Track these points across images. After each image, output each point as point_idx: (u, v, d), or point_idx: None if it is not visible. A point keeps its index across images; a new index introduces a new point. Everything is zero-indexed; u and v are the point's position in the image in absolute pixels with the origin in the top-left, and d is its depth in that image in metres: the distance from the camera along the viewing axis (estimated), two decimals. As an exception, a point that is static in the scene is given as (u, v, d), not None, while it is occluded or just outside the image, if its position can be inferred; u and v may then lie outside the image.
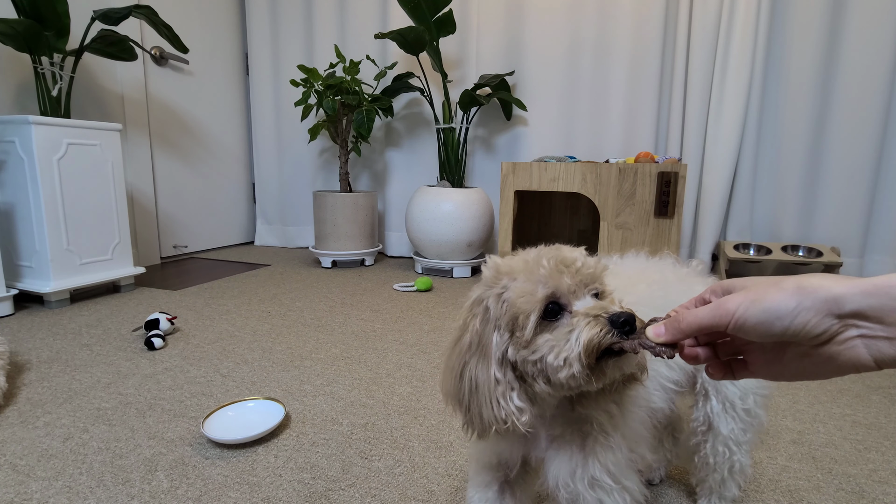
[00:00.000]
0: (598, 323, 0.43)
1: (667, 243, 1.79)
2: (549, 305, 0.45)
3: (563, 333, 0.44)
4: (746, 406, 0.63)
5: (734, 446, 0.65)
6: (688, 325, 0.37)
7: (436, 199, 2.24)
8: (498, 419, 0.48)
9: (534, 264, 0.47)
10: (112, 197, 1.87)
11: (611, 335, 0.42)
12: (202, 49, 2.72)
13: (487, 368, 0.48)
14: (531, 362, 0.46)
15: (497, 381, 0.48)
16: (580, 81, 2.35)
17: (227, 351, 1.35)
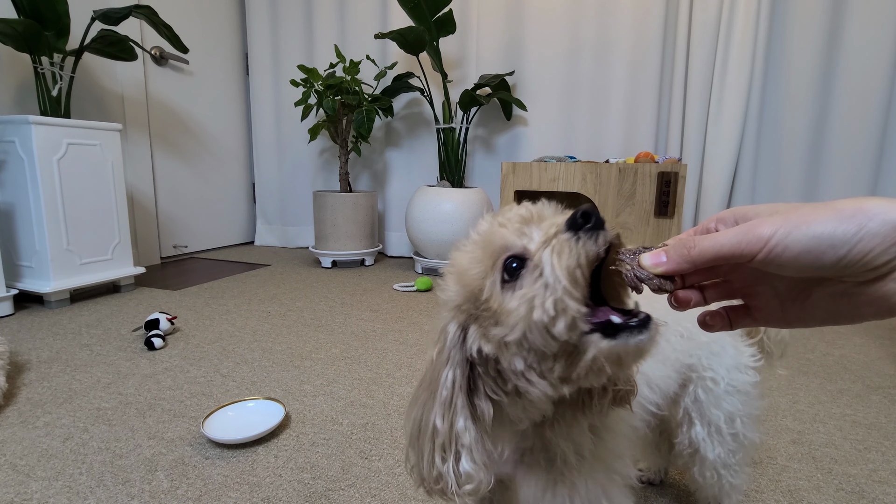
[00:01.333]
0: (559, 241, 0.33)
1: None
2: (508, 262, 0.35)
3: (534, 279, 0.33)
4: (734, 430, 0.59)
5: (722, 470, 0.61)
6: (701, 253, 0.29)
7: (436, 199, 2.24)
8: (431, 479, 0.38)
9: (472, 233, 0.39)
10: (112, 197, 1.87)
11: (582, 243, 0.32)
12: (202, 49, 2.72)
13: (430, 411, 0.39)
14: (514, 344, 0.34)
15: (437, 431, 0.38)
16: (580, 81, 2.35)
17: (227, 351, 1.35)
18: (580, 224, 0.33)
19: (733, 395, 0.58)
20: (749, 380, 0.60)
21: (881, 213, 0.25)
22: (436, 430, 0.38)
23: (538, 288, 0.33)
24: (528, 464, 0.45)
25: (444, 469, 0.37)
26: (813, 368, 1.30)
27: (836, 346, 1.46)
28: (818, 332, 1.59)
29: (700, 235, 0.30)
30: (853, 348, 1.45)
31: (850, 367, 1.31)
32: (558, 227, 0.34)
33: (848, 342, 1.50)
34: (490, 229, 0.38)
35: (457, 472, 0.37)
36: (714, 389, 0.58)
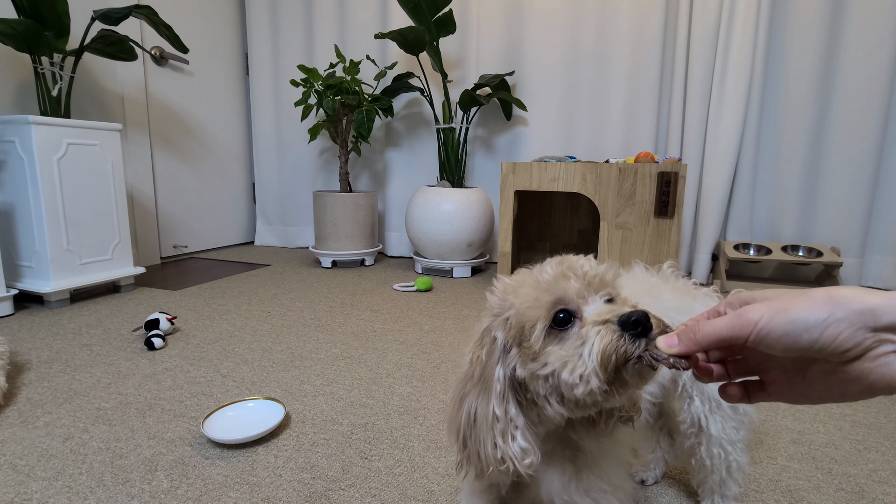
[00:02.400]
0: (609, 330, 0.39)
1: (667, 243, 1.79)
2: (559, 313, 0.42)
3: (575, 346, 0.40)
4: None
5: (728, 446, 0.64)
6: (704, 336, 0.34)
7: (436, 199, 2.24)
8: (494, 459, 0.44)
9: (538, 273, 0.45)
10: (112, 197, 1.87)
11: (624, 341, 0.38)
12: (202, 49, 2.72)
13: (487, 403, 0.45)
14: (542, 378, 0.42)
15: (497, 418, 0.44)
16: (580, 81, 2.35)
17: (227, 351, 1.35)
18: (629, 327, 0.38)
19: None
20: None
21: (848, 302, 0.29)
22: (496, 417, 0.44)
23: (575, 356, 0.40)
24: (547, 461, 0.49)
25: (506, 449, 0.44)
26: (813, 368, 1.29)
27: (836, 346, 1.46)
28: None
29: (705, 320, 0.35)
30: (853, 348, 1.45)
31: (850, 367, 1.31)
32: (612, 317, 0.39)
33: (848, 342, 1.50)
34: (555, 277, 0.44)
35: (515, 450, 0.44)
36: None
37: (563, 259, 0.46)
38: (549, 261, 0.46)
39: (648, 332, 0.39)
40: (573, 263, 0.45)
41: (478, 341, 0.47)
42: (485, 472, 0.45)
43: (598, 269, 0.44)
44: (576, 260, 0.46)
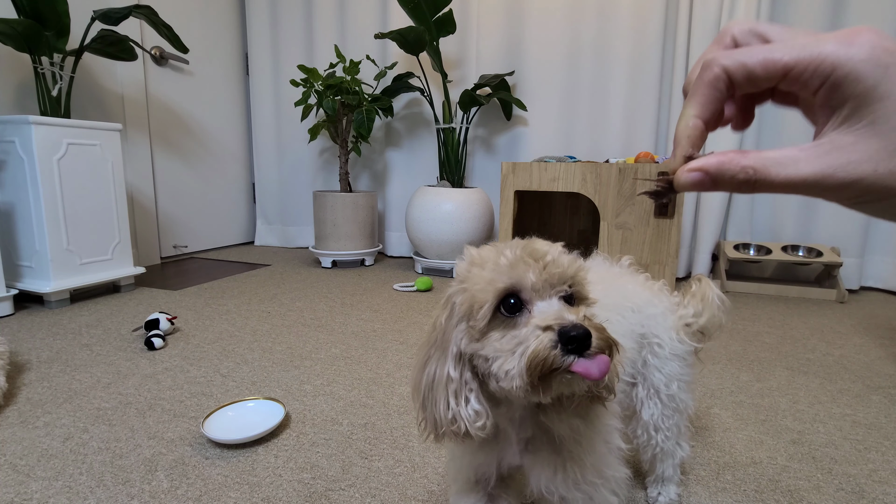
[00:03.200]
0: (546, 338, 0.39)
1: (667, 243, 1.79)
2: (509, 298, 0.42)
3: (512, 343, 0.41)
4: (670, 392, 0.66)
5: (653, 431, 0.68)
6: (762, 62, 0.24)
7: (436, 199, 2.24)
8: (446, 420, 0.45)
9: (499, 254, 0.44)
10: (112, 197, 1.87)
11: (556, 353, 0.39)
12: (202, 49, 2.71)
13: (444, 364, 0.45)
14: (482, 358, 0.43)
15: (451, 379, 0.45)
16: (580, 81, 2.35)
17: (227, 351, 1.35)
18: (567, 341, 0.39)
19: (673, 360, 0.66)
20: (686, 348, 0.68)
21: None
22: (450, 378, 0.45)
23: (507, 353, 0.41)
24: (532, 451, 0.50)
25: (458, 410, 0.44)
26: (813, 368, 1.30)
27: (836, 346, 1.46)
28: (818, 331, 1.59)
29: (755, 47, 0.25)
30: (853, 348, 1.45)
31: (850, 367, 1.31)
32: (554, 325, 0.39)
33: (848, 342, 1.50)
34: (514, 262, 0.43)
35: (467, 412, 0.44)
36: (660, 353, 0.66)
37: (528, 243, 0.45)
38: (514, 242, 0.45)
39: (584, 351, 0.39)
40: (536, 249, 0.43)
41: (441, 306, 0.48)
42: (439, 433, 0.45)
43: (561, 262, 0.43)
44: (540, 246, 0.44)
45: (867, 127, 0.22)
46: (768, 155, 0.24)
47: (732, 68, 0.24)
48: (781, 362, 1.33)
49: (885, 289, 2.14)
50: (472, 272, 0.45)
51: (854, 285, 2.11)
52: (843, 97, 0.22)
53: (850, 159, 0.22)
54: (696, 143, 0.27)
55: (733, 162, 0.25)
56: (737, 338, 1.52)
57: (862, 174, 0.22)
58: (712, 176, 0.26)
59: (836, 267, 2.03)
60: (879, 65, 0.21)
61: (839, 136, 0.23)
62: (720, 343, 1.47)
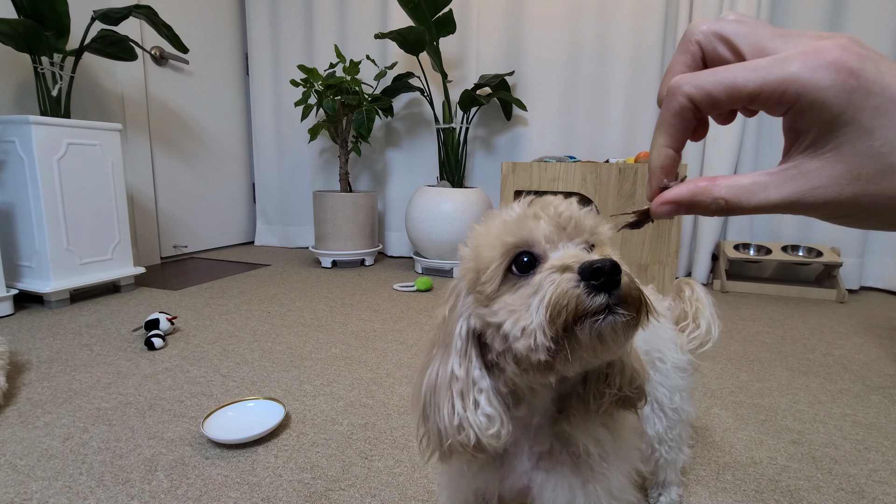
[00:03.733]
0: (566, 278, 0.33)
1: (667, 243, 1.79)
2: (521, 256, 0.36)
3: (526, 294, 0.35)
4: (674, 405, 0.65)
5: (657, 444, 0.67)
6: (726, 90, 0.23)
7: (436, 199, 2.24)
8: (452, 428, 0.37)
9: (505, 212, 0.39)
10: (112, 197, 1.87)
11: (581, 292, 0.32)
12: (202, 49, 2.71)
13: (447, 362, 0.39)
14: (494, 327, 0.36)
15: (455, 378, 0.38)
16: (580, 81, 2.35)
17: (227, 351, 1.35)
18: (591, 276, 0.33)
19: (675, 373, 0.65)
20: (686, 357, 0.67)
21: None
22: (454, 376, 0.38)
23: (523, 307, 0.35)
24: (547, 468, 0.43)
25: (466, 415, 0.38)
26: (813, 368, 1.30)
27: (836, 346, 1.46)
28: (818, 331, 1.59)
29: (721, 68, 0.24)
30: (853, 348, 1.45)
31: (850, 367, 1.31)
32: (573, 263, 0.34)
33: (848, 342, 1.50)
34: (522, 217, 0.38)
35: (477, 418, 0.37)
36: (661, 368, 0.64)
37: (536, 199, 0.40)
38: (521, 199, 0.41)
39: (615, 287, 0.33)
40: (546, 202, 0.39)
41: (445, 298, 0.42)
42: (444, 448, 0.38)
43: (575, 211, 0.38)
44: (551, 199, 0.39)
45: (831, 153, 0.22)
46: (738, 183, 0.25)
47: (696, 97, 0.24)
48: (781, 362, 1.33)
49: (885, 289, 2.14)
50: (476, 237, 0.39)
51: (854, 285, 2.11)
52: (809, 123, 0.22)
53: (815, 185, 0.23)
54: (669, 172, 0.28)
55: (705, 193, 0.25)
56: (737, 338, 1.52)
57: (828, 197, 0.23)
58: (685, 206, 0.26)
59: (836, 267, 2.03)
60: (844, 90, 0.21)
61: (805, 161, 0.23)
62: (720, 343, 1.47)
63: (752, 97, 0.23)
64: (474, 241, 0.39)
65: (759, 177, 0.24)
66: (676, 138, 0.27)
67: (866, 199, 0.22)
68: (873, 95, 0.21)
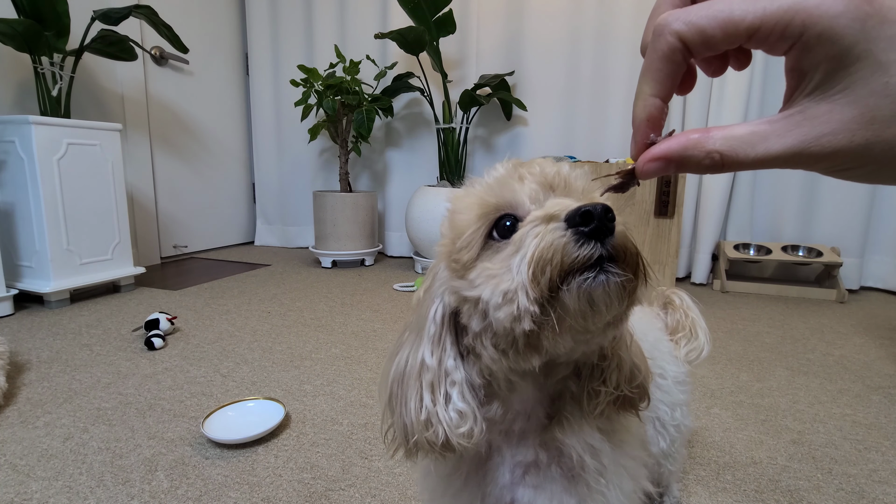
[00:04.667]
0: (549, 229, 0.28)
1: (667, 243, 1.79)
2: (502, 220, 0.32)
3: (507, 255, 0.30)
4: (675, 422, 0.63)
5: (663, 460, 0.65)
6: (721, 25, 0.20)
7: (436, 199, 2.24)
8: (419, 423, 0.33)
9: (486, 174, 0.35)
10: (112, 197, 1.87)
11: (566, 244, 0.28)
12: (202, 49, 2.71)
13: (417, 349, 0.35)
14: (471, 303, 0.32)
15: (426, 367, 0.34)
16: (580, 81, 2.35)
17: (227, 351, 1.35)
18: (577, 222, 0.28)
19: (675, 387, 0.63)
20: (685, 369, 0.66)
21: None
22: (424, 365, 0.34)
23: (504, 269, 0.30)
24: (534, 485, 0.37)
25: (435, 410, 0.33)
26: (813, 368, 1.30)
27: (836, 346, 1.46)
28: (818, 331, 1.59)
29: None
30: (853, 348, 1.45)
31: (850, 367, 1.31)
32: (559, 212, 0.29)
33: (848, 342, 1.50)
34: (504, 177, 0.34)
35: (447, 413, 0.33)
36: (663, 384, 0.62)
37: (520, 161, 0.36)
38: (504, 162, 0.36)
39: (608, 235, 0.28)
40: (531, 164, 0.35)
41: (424, 279, 0.38)
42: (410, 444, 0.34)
43: (564, 170, 0.34)
44: (538, 161, 0.35)
45: (842, 93, 0.19)
46: (735, 133, 0.21)
47: (687, 35, 0.21)
48: (781, 362, 1.33)
49: (885, 289, 2.14)
50: (455, 202, 0.35)
51: (854, 285, 2.11)
52: (816, 60, 0.20)
53: (822, 131, 0.20)
54: (656, 125, 0.24)
55: (698, 147, 0.22)
56: (737, 338, 1.52)
57: (837, 146, 0.20)
58: (676, 163, 0.23)
59: (836, 267, 2.03)
60: (857, 17, 0.18)
61: (811, 105, 0.20)
62: (720, 343, 1.47)
63: (751, 32, 0.20)
64: (452, 208, 0.35)
65: (759, 126, 0.21)
66: (664, 85, 0.23)
67: (880, 147, 0.19)
68: (889, 24, 0.18)
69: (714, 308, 1.84)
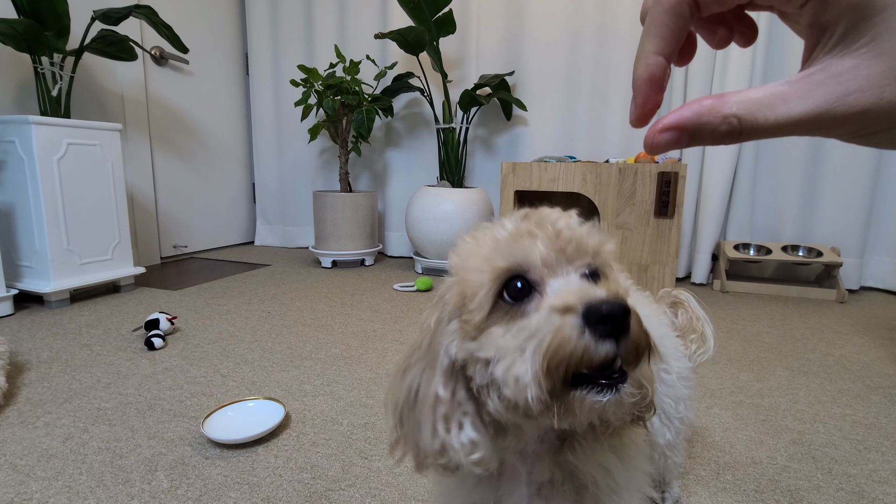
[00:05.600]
0: (567, 323, 0.29)
1: (667, 243, 1.79)
2: (514, 281, 0.32)
3: (519, 336, 0.31)
4: (679, 415, 0.64)
5: (668, 451, 0.66)
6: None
7: (436, 199, 2.24)
8: (433, 451, 0.34)
9: (497, 229, 0.35)
10: (112, 197, 1.87)
11: (585, 345, 0.28)
12: (202, 49, 2.71)
13: (430, 380, 0.35)
14: (480, 363, 0.33)
15: (439, 400, 0.35)
16: (580, 81, 2.35)
17: (227, 351, 1.35)
18: (595, 322, 0.28)
19: (679, 382, 0.64)
20: (688, 365, 0.67)
21: None
22: (438, 399, 0.35)
23: (516, 351, 0.30)
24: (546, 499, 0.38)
25: (449, 439, 0.34)
26: (813, 368, 1.30)
27: (836, 346, 1.46)
28: (818, 331, 1.59)
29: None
30: (853, 348, 1.45)
31: (850, 367, 1.31)
32: (576, 303, 0.29)
33: (848, 342, 1.50)
34: (516, 235, 0.33)
35: (461, 440, 0.34)
36: (667, 379, 0.63)
37: (531, 212, 0.35)
38: (514, 213, 0.36)
39: (622, 335, 0.29)
40: (543, 218, 0.34)
41: (433, 305, 0.38)
42: (423, 464, 0.36)
43: (576, 229, 0.34)
44: (548, 214, 0.35)
45: (868, 46, 0.18)
46: (752, 96, 0.19)
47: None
48: (781, 362, 1.33)
49: (885, 289, 2.14)
50: (464, 255, 0.36)
51: (854, 285, 2.11)
52: (837, 12, 0.18)
53: (848, 89, 0.18)
54: (658, 86, 0.22)
55: (713, 112, 0.20)
56: (737, 338, 1.52)
57: (865, 104, 0.18)
58: (690, 132, 0.21)
59: (836, 267, 2.03)
60: None
61: (834, 62, 0.18)
62: (720, 343, 1.47)
63: None
64: (461, 260, 0.36)
65: (778, 87, 0.19)
66: (668, 42, 0.21)
67: None
68: None
69: (714, 308, 1.84)
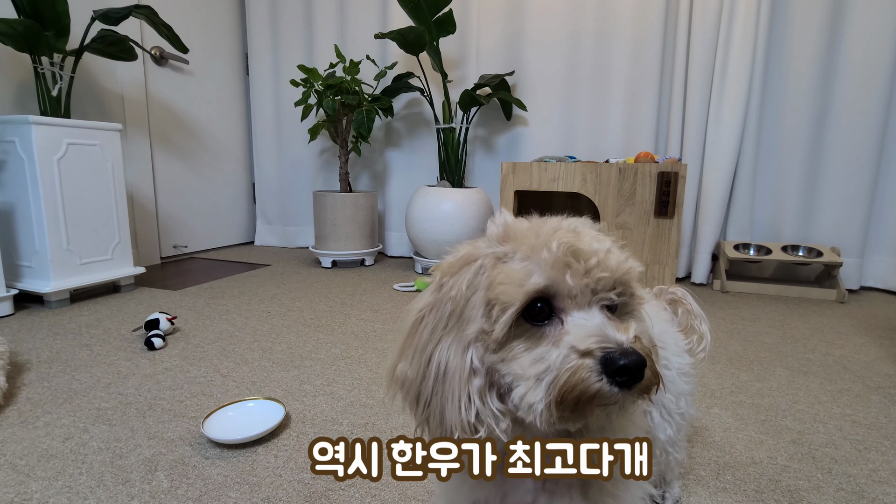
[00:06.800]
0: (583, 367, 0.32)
1: (667, 243, 1.79)
2: (536, 303, 0.35)
3: (536, 366, 0.33)
4: (680, 410, 0.65)
5: (669, 448, 0.67)
6: None
7: (436, 199, 2.24)
8: (465, 424, 0.35)
9: (541, 244, 0.35)
10: (112, 197, 1.87)
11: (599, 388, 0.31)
12: (202, 49, 2.71)
13: (463, 352, 0.36)
14: (500, 374, 0.35)
15: (474, 372, 0.36)
16: (580, 81, 2.35)
17: (227, 351, 1.35)
18: (611, 372, 0.32)
19: (680, 378, 0.65)
20: (688, 361, 0.67)
21: None
22: (473, 370, 0.36)
23: (531, 380, 0.33)
24: (551, 490, 0.40)
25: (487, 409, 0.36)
26: (813, 368, 1.30)
27: (836, 346, 1.46)
28: (818, 331, 1.59)
29: None
30: (853, 348, 1.45)
31: (850, 367, 1.31)
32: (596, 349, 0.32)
33: (848, 342, 1.50)
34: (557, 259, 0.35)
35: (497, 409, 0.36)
36: (667, 374, 0.63)
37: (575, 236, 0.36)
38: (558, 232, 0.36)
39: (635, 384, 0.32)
40: (582, 249, 0.35)
41: (456, 269, 0.37)
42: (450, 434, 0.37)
43: (609, 263, 0.35)
44: (588, 243, 0.36)
45: None
46: None
47: None
48: (781, 362, 1.33)
49: (885, 289, 2.14)
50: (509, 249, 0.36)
51: (854, 285, 2.11)
52: None
53: None
54: None
55: None
56: (737, 338, 1.52)
57: None
58: None
59: (836, 267, 2.03)
60: None
61: None
62: (720, 343, 1.47)
63: None
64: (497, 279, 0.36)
65: None
66: None
67: None
68: None
69: (714, 308, 1.84)
